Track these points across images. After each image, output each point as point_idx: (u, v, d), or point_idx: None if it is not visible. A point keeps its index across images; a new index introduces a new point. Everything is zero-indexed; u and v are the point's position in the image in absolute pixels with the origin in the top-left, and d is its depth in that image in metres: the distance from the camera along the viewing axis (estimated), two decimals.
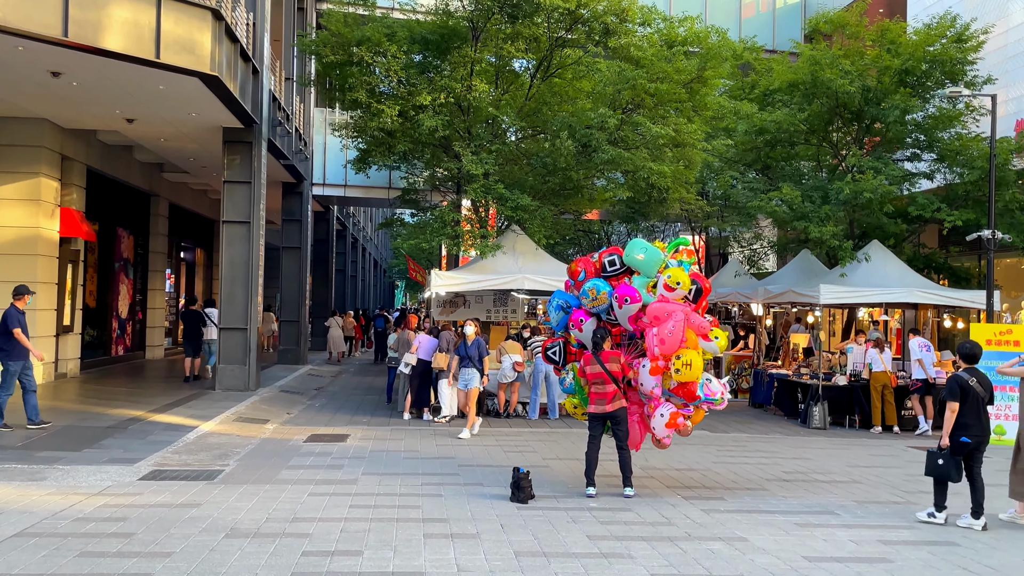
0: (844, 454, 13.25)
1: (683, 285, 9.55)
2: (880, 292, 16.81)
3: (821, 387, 16.56)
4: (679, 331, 9.39)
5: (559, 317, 10.43)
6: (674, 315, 9.37)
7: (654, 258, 9.78)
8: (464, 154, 16.44)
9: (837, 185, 17.30)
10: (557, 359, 10.64)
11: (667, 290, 9.57)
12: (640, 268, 9.82)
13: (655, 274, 9.75)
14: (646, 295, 9.70)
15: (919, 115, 18.40)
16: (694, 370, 9.42)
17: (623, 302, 9.61)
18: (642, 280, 9.79)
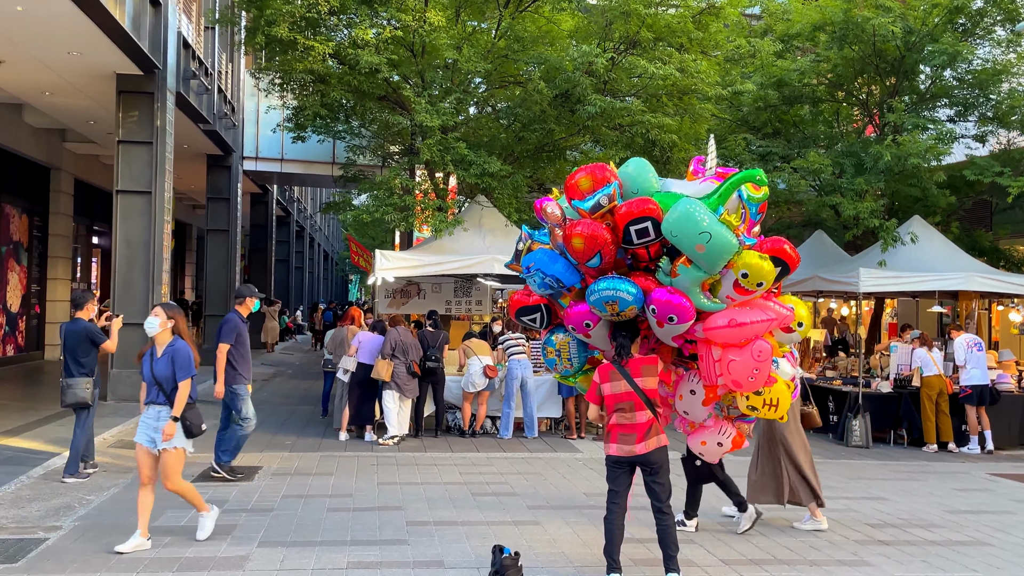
0: (922, 489, 10.01)
1: (766, 283, 6.02)
2: (931, 278, 13.60)
3: (861, 396, 13.35)
4: (766, 367, 6.02)
5: (545, 293, 6.91)
6: (757, 346, 5.98)
7: (722, 246, 5.88)
8: (416, 103, 12.89)
9: (876, 149, 14.07)
10: (538, 325, 7.07)
11: (741, 292, 6.08)
12: (695, 258, 6.02)
13: (721, 268, 6.07)
14: (702, 300, 6.17)
15: (964, 66, 15.23)
16: (780, 409, 6.11)
17: (665, 321, 6.10)
18: (696, 275, 6.09)
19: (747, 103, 16.18)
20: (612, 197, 6.47)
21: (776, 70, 15.18)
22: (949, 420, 13.09)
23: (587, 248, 6.26)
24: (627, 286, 6.19)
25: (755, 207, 6.71)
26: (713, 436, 6.38)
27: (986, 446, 12.95)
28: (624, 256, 6.59)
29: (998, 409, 13.16)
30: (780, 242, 6.44)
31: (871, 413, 13.38)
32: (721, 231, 5.96)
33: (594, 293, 6.25)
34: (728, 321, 6.02)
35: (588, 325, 6.53)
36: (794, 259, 6.40)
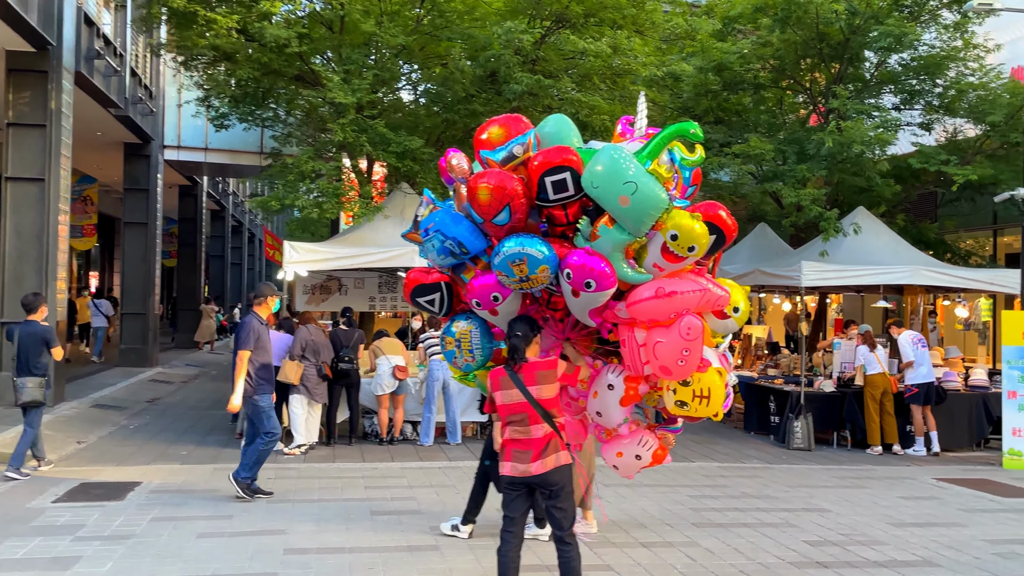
0: (866, 498, 9.28)
1: (699, 247, 5.19)
2: (876, 271, 12.95)
3: (803, 395, 12.65)
4: (697, 347, 5.18)
5: (446, 262, 5.96)
6: (686, 322, 5.13)
7: (649, 198, 5.09)
8: (329, 79, 11.87)
9: (818, 136, 13.37)
10: (436, 309, 6.15)
11: (670, 260, 5.24)
12: (618, 215, 5.22)
13: (648, 229, 5.25)
14: (624, 270, 5.31)
15: (911, 52, 14.60)
16: (712, 404, 5.27)
17: (582, 287, 5.21)
18: (619, 237, 5.25)
19: (687, 89, 15.40)
20: (527, 147, 5.61)
21: (716, 53, 14.40)
22: (894, 420, 12.44)
23: (494, 200, 5.36)
24: (538, 244, 5.32)
25: (688, 171, 5.89)
26: (631, 447, 5.51)
27: (932, 447, 12.32)
28: (538, 220, 5.72)
29: (944, 409, 12.55)
30: (715, 206, 5.60)
31: (814, 413, 12.69)
32: (648, 182, 5.14)
33: (499, 254, 5.34)
34: (655, 291, 5.16)
35: (496, 299, 5.58)
36: (730, 226, 5.57)
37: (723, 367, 5.61)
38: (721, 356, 5.79)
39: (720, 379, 5.34)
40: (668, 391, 5.34)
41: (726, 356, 5.90)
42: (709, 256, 5.59)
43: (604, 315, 5.40)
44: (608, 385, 5.46)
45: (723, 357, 5.83)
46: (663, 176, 5.36)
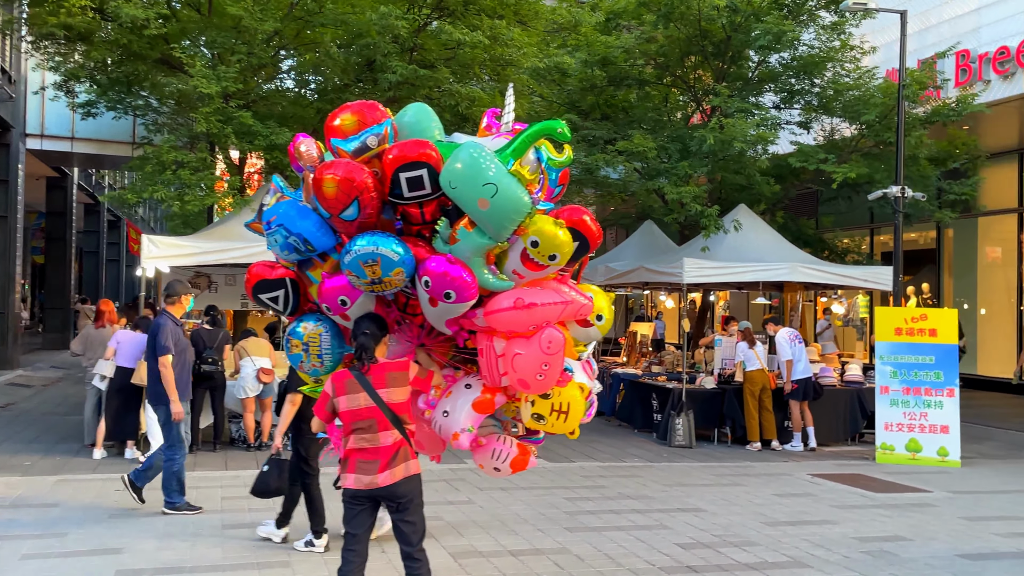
0: (741, 496, 9.20)
1: (561, 256, 4.85)
2: (756, 268, 13.03)
3: (685, 393, 12.60)
4: (557, 361, 4.84)
5: (291, 258, 5.43)
6: (547, 335, 4.78)
7: (510, 202, 4.69)
8: (192, 65, 11.15)
9: (700, 133, 13.37)
10: (281, 307, 5.53)
11: (530, 267, 4.89)
12: (478, 218, 4.79)
13: (509, 234, 4.86)
14: (485, 276, 4.92)
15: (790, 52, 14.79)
16: (571, 419, 4.95)
17: (441, 298, 4.79)
18: (479, 242, 4.84)
19: (573, 83, 15.22)
20: (383, 139, 5.13)
21: (601, 48, 14.26)
22: (772, 417, 12.51)
23: (341, 193, 4.86)
24: (393, 244, 4.84)
25: (556, 173, 5.54)
26: (485, 459, 5.13)
27: (809, 443, 12.45)
28: (393, 217, 5.27)
29: (820, 404, 12.70)
30: (580, 211, 5.26)
31: (695, 410, 12.65)
32: (510, 184, 4.75)
33: (350, 252, 4.85)
34: (514, 301, 4.80)
35: (344, 303, 5.11)
36: (595, 233, 5.24)
37: (585, 381, 5.31)
38: (584, 364, 5.49)
39: (580, 394, 5.03)
40: (526, 403, 5.01)
41: (590, 363, 5.60)
42: (574, 262, 5.28)
43: (461, 323, 5.03)
44: (466, 384, 5.08)
45: (587, 365, 5.53)
46: (526, 178, 5.01)
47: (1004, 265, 19.89)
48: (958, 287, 20.97)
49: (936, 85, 14.45)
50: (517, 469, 5.09)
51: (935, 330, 11.69)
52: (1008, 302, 19.53)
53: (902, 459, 11.51)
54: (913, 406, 11.62)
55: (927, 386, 11.61)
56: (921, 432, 11.57)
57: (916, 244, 22.15)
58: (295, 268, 5.54)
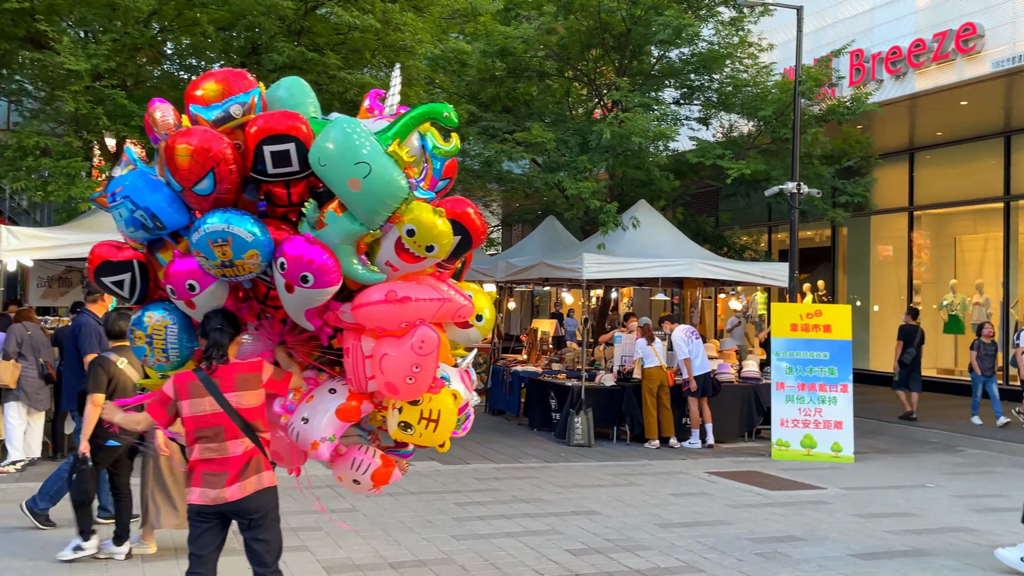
0: (637, 497, 8.97)
1: (439, 248, 4.42)
2: (655, 264, 12.88)
3: (584, 390, 12.36)
4: (429, 364, 4.40)
5: (138, 236, 4.83)
6: (419, 334, 4.35)
7: (384, 184, 4.27)
8: (59, 41, 10.31)
9: (598, 127, 13.16)
10: (126, 293, 4.84)
11: (406, 259, 4.46)
12: (348, 201, 4.35)
13: (383, 221, 4.42)
14: (354, 267, 4.45)
15: (687, 49, 14.76)
16: (440, 430, 4.52)
17: (297, 281, 4.28)
18: (349, 228, 4.40)
19: (472, 74, 14.83)
20: (248, 109, 4.62)
21: (500, 37, 13.91)
22: (671, 414, 12.38)
23: (195, 164, 4.33)
24: (248, 223, 4.32)
25: (441, 162, 5.10)
26: (345, 471, 4.67)
27: (707, 439, 12.36)
28: (256, 197, 4.76)
29: (718, 400, 12.64)
30: (463, 203, 4.83)
31: (595, 408, 12.43)
32: (385, 165, 4.30)
33: (199, 230, 4.31)
34: (386, 294, 4.34)
35: (193, 287, 4.55)
36: (478, 227, 4.82)
37: (461, 389, 4.91)
38: (463, 374, 5.09)
39: (453, 403, 4.61)
40: (393, 410, 4.57)
41: (468, 373, 5.21)
42: (455, 259, 4.87)
43: (326, 317, 4.56)
44: (330, 389, 4.62)
45: (465, 375, 5.13)
46: (404, 160, 4.57)
47: (895, 263, 20.40)
48: (852, 284, 21.43)
49: (831, 83, 14.60)
50: (379, 483, 4.63)
51: (829, 326, 11.72)
52: (899, 299, 20.03)
53: (797, 455, 11.50)
54: (808, 402, 11.64)
55: (821, 382, 11.64)
56: (816, 428, 11.59)
57: (812, 242, 22.57)
58: (144, 250, 4.97)
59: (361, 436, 4.80)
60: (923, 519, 8.23)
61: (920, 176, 19.67)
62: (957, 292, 19.05)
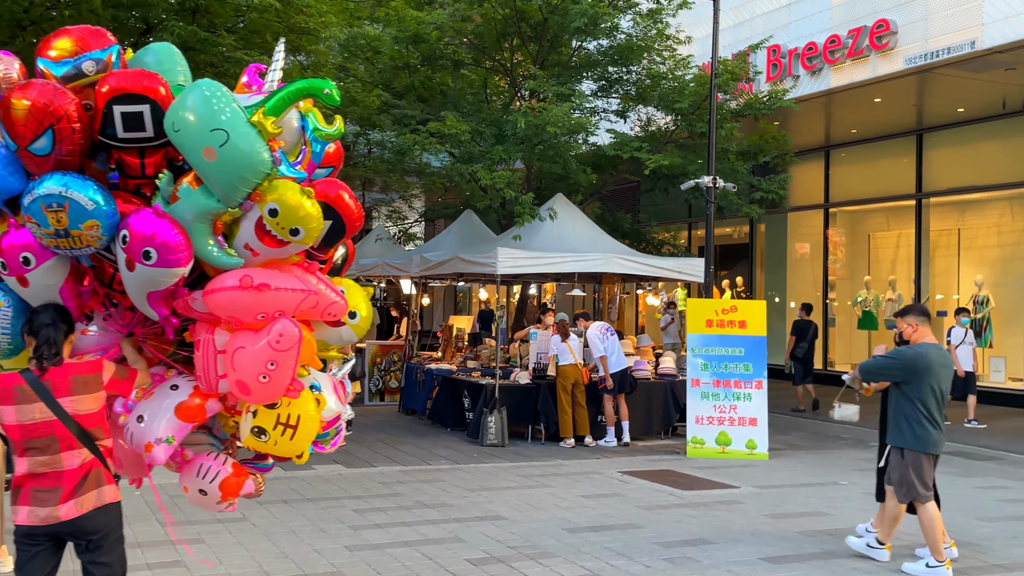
0: (547, 500, 8.62)
1: (306, 232, 3.97)
2: (571, 259, 12.60)
3: (498, 388, 11.99)
4: (287, 361, 3.93)
5: None
6: (279, 327, 3.89)
7: (243, 155, 3.84)
8: None
9: (513, 116, 12.81)
10: None
11: (268, 242, 3.97)
12: (204, 173, 3.90)
13: (242, 198, 3.95)
14: (209, 248, 3.97)
15: (605, 41, 14.51)
16: (299, 438, 4.07)
17: (139, 257, 3.77)
18: (204, 204, 3.94)
19: (384, 61, 14.31)
20: (104, 67, 4.09)
21: (412, 23, 13.42)
22: (585, 412, 12.09)
23: (31, 119, 3.78)
24: (91, 190, 3.79)
25: (321, 146, 4.62)
26: (190, 479, 4.16)
27: (623, 438, 12.12)
28: (107, 167, 4.22)
29: (635, 397, 12.40)
30: (337, 186, 4.37)
31: (509, 407, 12.07)
32: (246, 134, 3.85)
33: (33, 193, 3.76)
34: (240, 279, 3.86)
35: (28, 261, 3.98)
36: (353, 213, 4.36)
37: (332, 400, 4.45)
38: (337, 384, 4.64)
39: (315, 409, 4.15)
40: (247, 413, 4.09)
41: (343, 384, 4.76)
42: (327, 248, 4.40)
43: (176, 306, 4.06)
44: (172, 385, 4.12)
45: (339, 385, 4.68)
46: (269, 132, 4.10)
47: (812, 259, 20.57)
48: (770, 281, 21.56)
49: (748, 78, 14.51)
50: (228, 494, 4.14)
51: (744, 322, 11.58)
52: (815, 295, 20.19)
53: (712, 453, 11.33)
54: (723, 399, 11.47)
55: (736, 378, 11.49)
56: (731, 425, 11.43)
57: (731, 239, 22.67)
58: None
59: (213, 444, 4.31)
60: (836, 518, 8.07)
61: (835, 173, 19.87)
62: (871, 288, 19.28)
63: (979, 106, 16.11)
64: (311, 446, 4.60)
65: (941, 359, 6.49)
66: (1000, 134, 16.70)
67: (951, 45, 13.20)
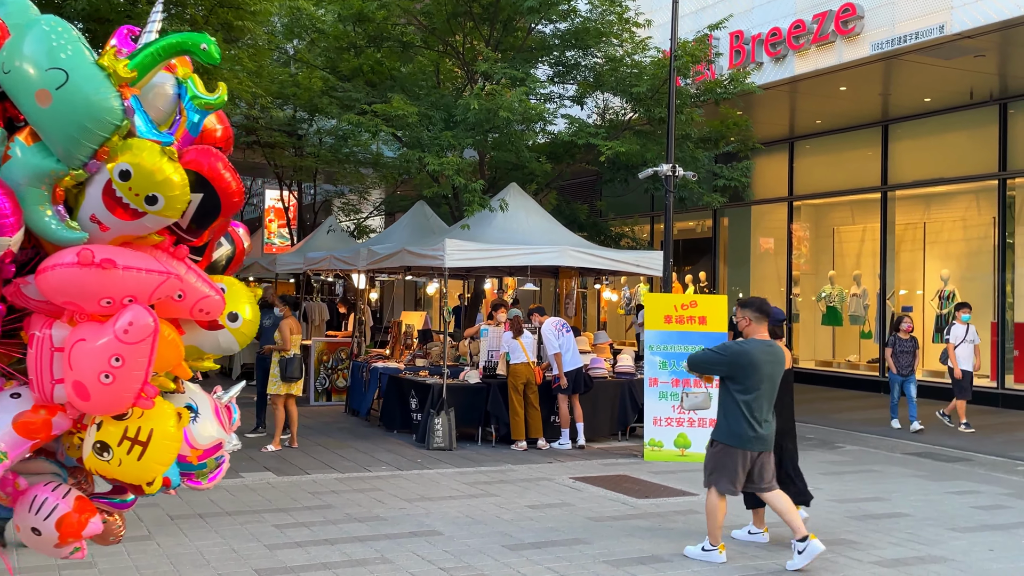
0: (488, 512, 7.94)
1: (168, 200, 3.28)
2: (523, 251, 11.94)
3: (445, 388, 11.30)
4: (136, 357, 3.21)
5: None
6: (128, 316, 3.19)
7: (85, 101, 3.20)
8: None
9: (464, 100, 12.10)
10: None
11: (119, 213, 3.26)
12: (38, 124, 3.25)
13: (87, 156, 3.28)
14: (45, 219, 3.27)
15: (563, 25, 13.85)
16: (149, 459, 3.37)
17: None
18: (40, 164, 3.27)
19: (328, 42, 13.52)
20: None
21: (356, 1, 12.63)
22: (538, 414, 11.43)
23: None
24: None
25: (200, 116, 3.89)
26: (23, 513, 3.42)
27: (578, 440, 11.47)
28: None
29: (590, 397, 11.78)
30: (212, 155, 3.69)
31: (458, 408, 11.38)
32: (88, 75, 3.24)
33: None
34: (78, 254, 3.18)
35: None
36: (229, 186, 3.66)
37: (213, 426, 3.74)
38: (221, 409, 3.92)
39: (176, 428, 3.42)
40: (92, 425, 3.36)
41: (229, 410, 4.05)
42: (199, 230, 3.68)
43: (5, 292, 3.33)
44: (12, 394, 3.39)
45: (224, 409, 3.97)
46: (120, 77, 3.40)
47: (776, 254, 20.10)
48: (733, 275, 21.07)
49: (709, 59, 13.91)
50: (68, 535, 3.41)
51: (704, 318, 10.97)
52: (779, 290, 19.73)
53: (670, 456, 10.72)
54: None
55: (696, 377, 10.84)
56: (690, 427, 10.82)
57: (694, 233, 22.14)
58: None
59: (57, 475, 3.57)
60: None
61: (800, 166, 19.41)
62: (835, 283, 18.85)
63: (946, 96, 15.68)
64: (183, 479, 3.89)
65: (769, 356, 6.46)
66: (967, 125, 16.31)
67: (919, 30, 12.71)
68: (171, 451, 3.40)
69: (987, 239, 16.29)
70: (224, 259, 4.17)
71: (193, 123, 3.89)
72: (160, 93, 3.84)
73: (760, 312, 6.65)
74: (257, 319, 3.99)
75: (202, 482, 4.07)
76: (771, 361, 6.46)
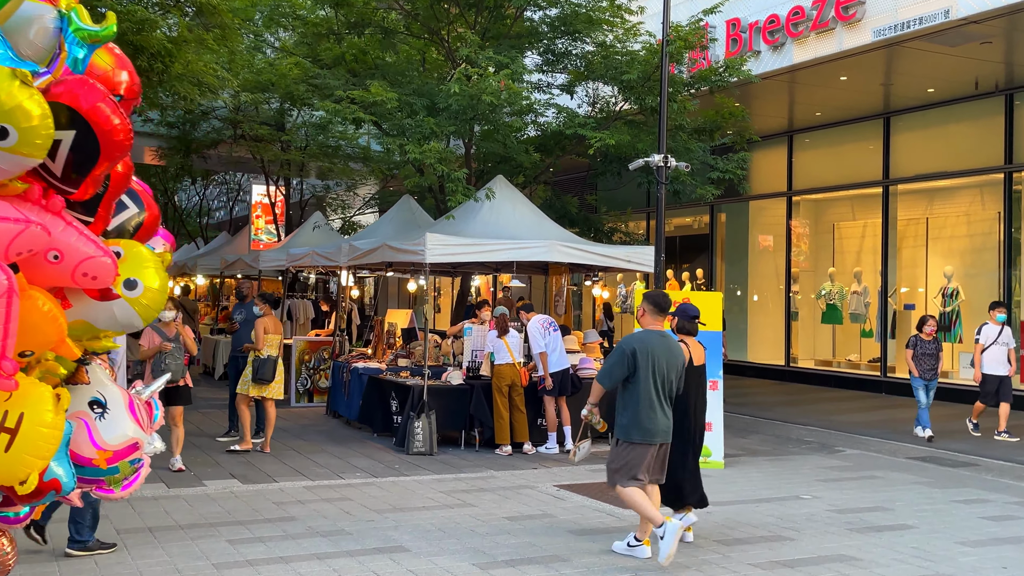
0: (463, 524, 7.39)
1: (21, 133, 2.74)
2: (509, 246, 11.38)
3: (426, 390, 10.75)
4: None
5: None
6: None
7: None
8: None
9: (446, 86, 11.56)
10: None
11: None
12: None
13: None
14: None
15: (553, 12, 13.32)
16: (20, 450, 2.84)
17: None
18: None
19: (307, 29, 12.98)
20: None
21: None
22: (524, 416, 10.89)
23: None
24: None
25: (86, 52, 3.35)
26: None
27: (565, 444, 10.93)
28: None
29: (578, 399, 11.18)
30: (92, 90, 3.14)
31: (441, 410, 10.84)
32: None
33: None
34: None
35: None
36: (112, 124, 3.12)
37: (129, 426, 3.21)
38: (139, 405, 3.38)
39: (54, 415, 2.88)
40: None
41: (150, 406, 3.51)
42: (79, 178, 3.14)
43: None
44: None
45: (143, 405, 3.43)
46: None
47: (774, 250, 19.56)
48: (730, 272, 20.52)
49: (704, 45, 13.35)
50: None
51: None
52: (777, 288, 19.20)
53: None
54: None
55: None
56: None
57: (691, 229, 21.58)
58: None
59: None
60: (797, 544, 6.94)
61: (799, 160, 18.85)
62: (835, 281, 18.30)
63: (950, 86, 15.12)
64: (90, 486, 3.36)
65: (662, 347, 6.41)
66: (972, 116, 15.75)
67: (923, 15, 12.15)
68: (48, 441, 2.86)
69: (992, 235, 15.73)
70: (132, 225, 3.64)
71: (76, 58, 3.36)
72: (38, 26, 3.31)
73: (655, 305, 6.56)
74: (164, 290, 3.44)
75: (115, 490, 3.54)
76: (665, 351, 6.38)
